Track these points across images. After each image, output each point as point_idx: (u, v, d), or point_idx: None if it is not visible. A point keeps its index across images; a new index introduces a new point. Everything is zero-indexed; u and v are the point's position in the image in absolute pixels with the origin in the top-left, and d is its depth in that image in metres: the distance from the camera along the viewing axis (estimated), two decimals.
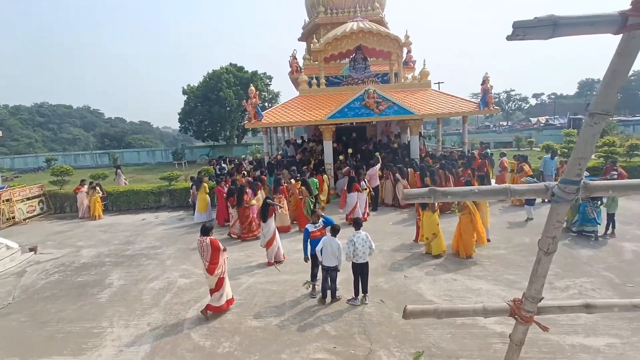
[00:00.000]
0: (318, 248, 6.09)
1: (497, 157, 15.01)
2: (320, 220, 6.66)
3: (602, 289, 6.27)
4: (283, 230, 10.26)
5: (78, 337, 5.70)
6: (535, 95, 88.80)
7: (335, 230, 6.11)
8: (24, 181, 22.07)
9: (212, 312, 6.01)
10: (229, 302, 6.19)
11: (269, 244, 8.22)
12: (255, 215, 10.03)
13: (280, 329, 5.56)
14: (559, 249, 7.60)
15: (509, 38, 1.33)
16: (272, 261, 8.21)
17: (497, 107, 16.55)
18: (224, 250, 6.11)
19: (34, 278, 8.31)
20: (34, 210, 14.81)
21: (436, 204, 8.09)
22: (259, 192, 11.09)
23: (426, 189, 1.66)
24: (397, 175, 12.17)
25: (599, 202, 8.78)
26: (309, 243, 6.46)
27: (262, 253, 8.95)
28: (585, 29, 1.25)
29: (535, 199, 10.50)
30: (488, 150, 17.87)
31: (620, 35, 1.23)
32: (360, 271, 6.08)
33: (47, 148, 65.90)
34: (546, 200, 11.25)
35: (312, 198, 10.28)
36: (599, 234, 8.74)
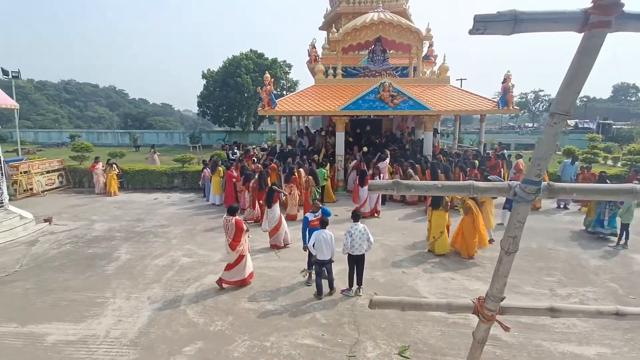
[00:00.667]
0: (310, 244, 6.09)
1: (514, 159, 14.63)
2: (320, 210, 6.72)
3: (604, 299, 6.11)
4: (290, 218, 10.41)
5: (81, 305, 5.98)
6: None
7: (324, 224, 6.17)
8: (47, 155, 22.93)
9: (227, 285, 6.49)
10: (250, 276, 6.64)
11: (274, 230, 8.37)
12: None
13: (272, 313, 5.68)
14: (568, 256, 7.44)
15: (470, 32, 1.31)
16: (280, 244, 8.41)
17: (517, 107, 16.06)
18: (247, 230, 6.52)
19: (45, 248, 8.71)
20: (53, 184, 15.42)
21: (448, 203, 8.01)
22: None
23: (390, 181, 1.67)
24: (410, 170, 12.01)
25: (614, 206, 8.57)
26: (307, 232, 6.53)
27: (264, 238, 9.10)
28: (548, 26, 1.22)
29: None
30: (505, 151, 17.43)
31: (582, 34, 1.20)
32: (356, 263, 6.11)
33: (73, 125, 68.03)
34: (560, 206, 10.87)
35: (319, 188, 10.33)
36: (611, 245, 8.50)
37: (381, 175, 11.66)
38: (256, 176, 10.80)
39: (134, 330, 5.26)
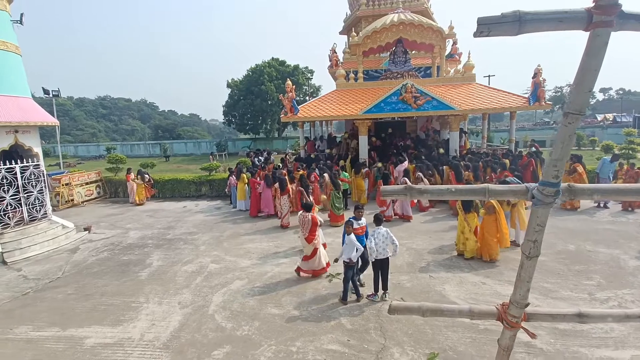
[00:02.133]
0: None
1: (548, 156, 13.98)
2: (363, 218, 6.63)
3: None
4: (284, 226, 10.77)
5: (117, 309, 6.28)
6: (603, 90, 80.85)
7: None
8: (85, 168, 24.32)
9: (304, 274, 7.12)
10: (327, 265, 7.18)
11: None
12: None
13: (298, 318, 5.72)
14: (607, 258, 7.03)
15: (474, 35, 1.30)
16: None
17: (550, 102, 15.37)
18: (321, 225, 7.16)
19: (85, 255, 9.23)
20: (91, 194, 16.34)
21: (479, 204, 7.79)
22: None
23: (402, 186, 1.67)
24: (419, 173, 11.53)
25: None
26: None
27: (290, 244, 9.21)
28: (554, 25, 1.19)
29: None
30: (537, 148, 16.69)
31: (588, 33, 1.16)
32: (380, 267, 6.05)
33: (109, 138, 71.94)
34: (600, 205, 10.26)
35: (338, 193, 10.34)
36: None
37: (403, 179, 11.50)
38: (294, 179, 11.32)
39: (166, 334, 5.46)
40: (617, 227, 9.43)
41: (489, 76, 43.32)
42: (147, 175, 15.88)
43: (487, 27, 1.23)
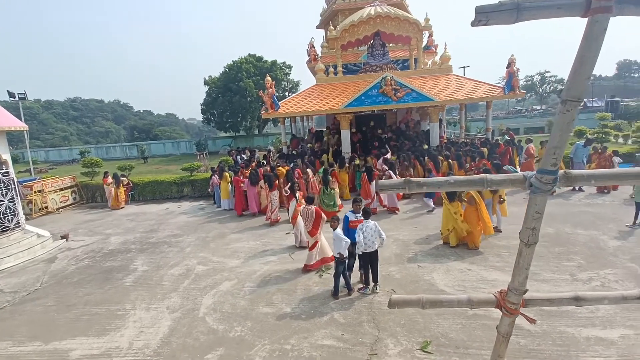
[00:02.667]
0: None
1: (525, 144, 14.40)
2: (362, 211, 6.61)
3: (624, 280, 5.98)
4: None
5: (102, 318, 6.08)
6: None
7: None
8: (59, 173, 23.35)
9: (311, 269, 7.21)
10: (323, 260, 7.30)
11: (294, 219, 8.61)
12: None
13: (290, 316, 5.69)
14: (586, 239, 7.30)
15: (472, 24, 1.28)
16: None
17: (524, 91, 15.82)
18: (324, 219, 7.21)
19: (64, 264, 8.87)
20: (67, 200, 15.71)
21: (463, 193, 7.92)
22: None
23: (401, 179, 1.65)
24: (389, 171, 11.20)
25: None
26: (348, 232, 6.37)
27: (277, 242, 9.15)
28: (552, 12, 1.18)
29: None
30: (512, 136, 17.17)
31: (586, 20, 1.16)
32: (370, 260, 6.09)
33: (82, 141, 69.27)
34: (575, 188, 10.70)
35: (327, 189, 10.31)
36: (628, 225, 8.33)
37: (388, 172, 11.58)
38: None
39: (156, 340, 5.33)
40: (594, 209, 9.83)
41: (464, 67, 44.19)
42: (125, 179, 15.39)
43: (485, 15, 1.22)
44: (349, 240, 6.09)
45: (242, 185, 11.97)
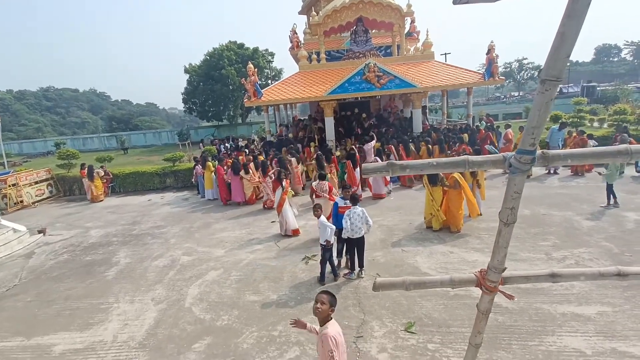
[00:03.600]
0: (345, 225, 5.98)
1: (504, 129, 14.67)
2: (350, 197, 6.61)
3: (599, 258, 6.26)
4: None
5: (85, 313, 5.97)
6: None
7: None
8: (33, 166, 22.47)
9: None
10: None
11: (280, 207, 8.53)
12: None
13: (277, 303, 5.73)
14: (561, 220, 7.57)
15: (454, 2, 1.27)
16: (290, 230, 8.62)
17: (503, 77, 16.08)
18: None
19: (42, 259, 8.63)
20: (42, 194, 15.18)
21: (445, 178, 8.03)
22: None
23: (384, 163, 1.65)
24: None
25: None
26: (336, 217, 6.44)
27: (263, 231, 9.14)
28: None
29: None
30: (491, 122, 17.49)
31: None
32: (356, 245, 6.16)
33: (56, 132, 66.68)
34: (550, 171, 11.07)
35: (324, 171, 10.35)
36: (602, 205, 8.69)
37: (370, 158, 11.67)
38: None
39: (141, 333, 5.28)
40: (568, 191, 10.18)
41: (445, 54, 44.45)
42: (101, 170, 14.91)
43: None
44: (334, 227, 6.14)
45: (225, 175, 11.83)
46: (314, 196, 8.37)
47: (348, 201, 6.43)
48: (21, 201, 14.13)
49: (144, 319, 5.64)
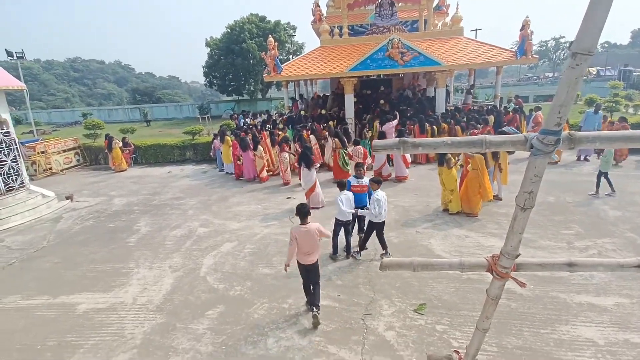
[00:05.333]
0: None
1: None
2: (365, 177, 6.57)
3: (622, 249, 6.02)
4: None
5: (107, 276, 6.28)
6: None
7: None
8: (61, 135, 23.31)
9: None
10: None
11: (310, 191, 8.70)
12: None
13: (289, 277, 5.82)
14: (587, 208, 7.25)
15: None
16: (318, 205, 8.77)
17: (536, 56, 15.14)
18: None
19: (69, 224, 9.06)
20: (70, 162, 15.79)
21: (452, 160, 7.83)
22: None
23: (396, 140, 1.58)
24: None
25: None
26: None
27: (278, 206, 9.22)
28: None
29: None
30: (520, 104, 16.69)
31: None
32: (377, 228, 6.05)
33: (84, 103, 68.57)
34: (581, 158, 10.53)
35: (346, 150, 10.29)
36: (592, 193, 8.54)
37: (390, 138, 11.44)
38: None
39: (158, 297, 5.52)
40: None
41: (476, 30, 42.24)
42: (119, 141, 15.17)
43: None
44: (344, 210, 6.02)
45: (237, 153, 11.89)
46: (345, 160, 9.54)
47: (362, 180, 6.36)
48: (50, 168, 14.75)
49: (161, 284, 5.88)
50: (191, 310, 5.15)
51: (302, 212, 4.60)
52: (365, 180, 6.53)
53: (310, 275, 4.75)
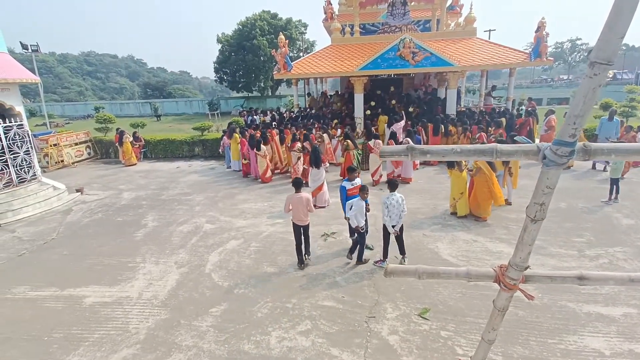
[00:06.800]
0: (351, 213, 5.82)
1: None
2: (357, 178, 6.51)
3: (634, 259, 5.87)
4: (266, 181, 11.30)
5: (114, 269, 6.35)
6: None
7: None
8: (74, 128, 23.67)
9: None
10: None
11: (317, 190, 8.74)
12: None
13: (293, 276, 5.83)
14: (599, 215, 7.08)
15: None
16: (323, 204, 8.84)
17: (551, 59, 14.86)
18: None
19: (79, 216, 9.19)
20: (81, 155, 16.02)
21: (463, 162, 7.72)
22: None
23: (404, 146, 1.54)
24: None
25: None
26: (345, 201, 6.26)
27: (284, 204, 9.19)
28: None
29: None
30: (533, 106, 16.38)
31: None
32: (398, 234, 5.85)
33: (97, 96, 69.55)
34: (596, 168, 10.29)
35: (360, 150, 10.27)
36: (603, 200, 8.42)
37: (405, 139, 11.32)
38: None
39: (164, 293, 5.56)
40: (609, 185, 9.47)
41: (489, 30, 41.59)
42: (130, 136, 15.31)
43: None
44: (348, 210, 5.91)
45: (244, 150, 11.89)
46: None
47: (356, 182, 6.32)
48: (62, 161, 14.98)
49: (167, 280, 5.92)
50: (195, 306, 5.17)
51: (298, 183, 6.06)
52: (358, 181, 6.47)
53: (303, 233, 6.10)
